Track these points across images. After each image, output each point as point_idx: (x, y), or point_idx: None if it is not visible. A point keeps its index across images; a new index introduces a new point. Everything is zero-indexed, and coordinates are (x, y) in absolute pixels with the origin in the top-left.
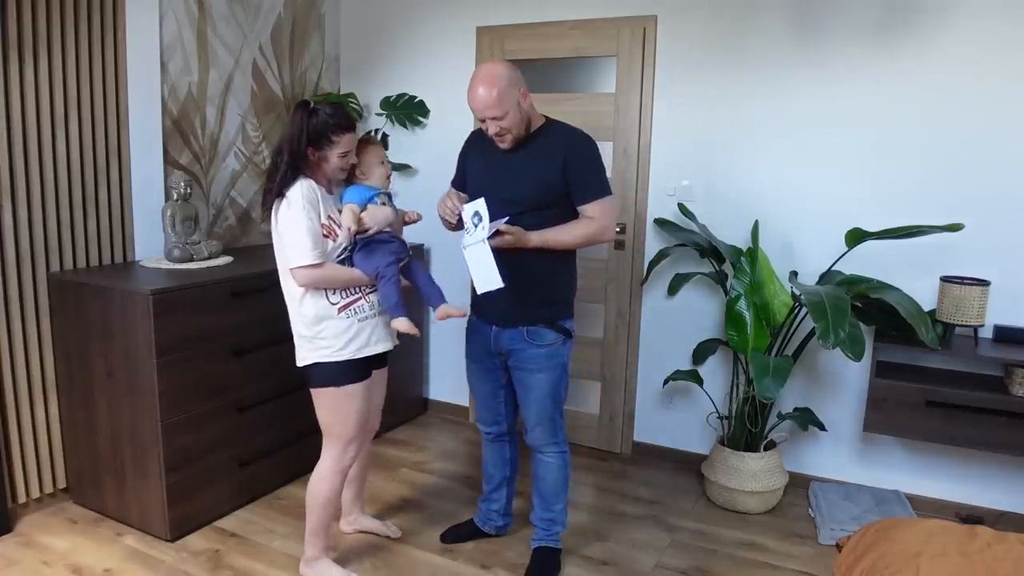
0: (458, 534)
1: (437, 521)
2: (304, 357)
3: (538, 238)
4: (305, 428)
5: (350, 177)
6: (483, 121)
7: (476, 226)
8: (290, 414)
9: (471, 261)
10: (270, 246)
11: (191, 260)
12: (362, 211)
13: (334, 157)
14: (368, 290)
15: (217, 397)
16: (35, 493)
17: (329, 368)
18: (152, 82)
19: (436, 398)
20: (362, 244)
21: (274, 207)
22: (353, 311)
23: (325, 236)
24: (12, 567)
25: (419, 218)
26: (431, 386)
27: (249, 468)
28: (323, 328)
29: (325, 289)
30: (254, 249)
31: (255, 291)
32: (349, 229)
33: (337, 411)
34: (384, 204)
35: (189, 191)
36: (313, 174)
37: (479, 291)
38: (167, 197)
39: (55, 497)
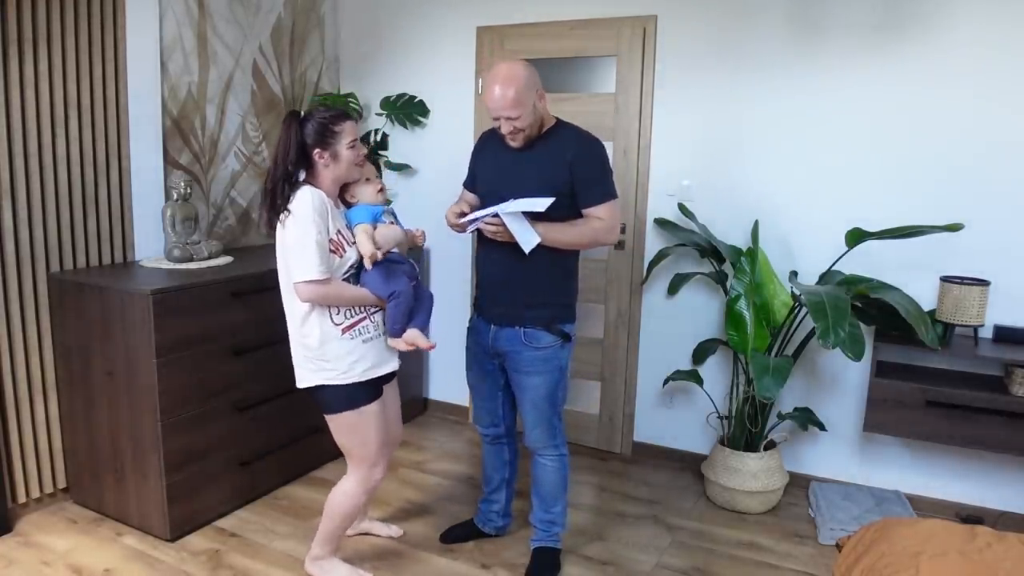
0: (458, 534)
1: (437, 521)
2: (306, 379)
3: (542, 231)
4: (305, 428)
5: (344, 201)
6: (496, 119)
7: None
8: (290, 414)
9: (511, 227)
10: (270, 246)
11: (191, 260)
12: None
13: (344, 149)
14: (373, 310)
15: (217, 397)
16: (35, 493)
17: (338, 391)
18: (152, 82)
19: (436, 398)
20: (373, 264)
21: (280, 220)
22: (357, 332)
23: (332, 252)
24: (12, 567)
25: (424, 239)
26: (431, 386)
27: (249, 468)
28: (326, 350)
29: (329, 308)
30: (254, 249)
31: (255, 291)
32: (374, 254)
33: (355, 434)
34: (392, 223)
35: (189, 191)
36: (320, 182)
37: (527, 251)
38: (167, 197)
39: (55, 497)
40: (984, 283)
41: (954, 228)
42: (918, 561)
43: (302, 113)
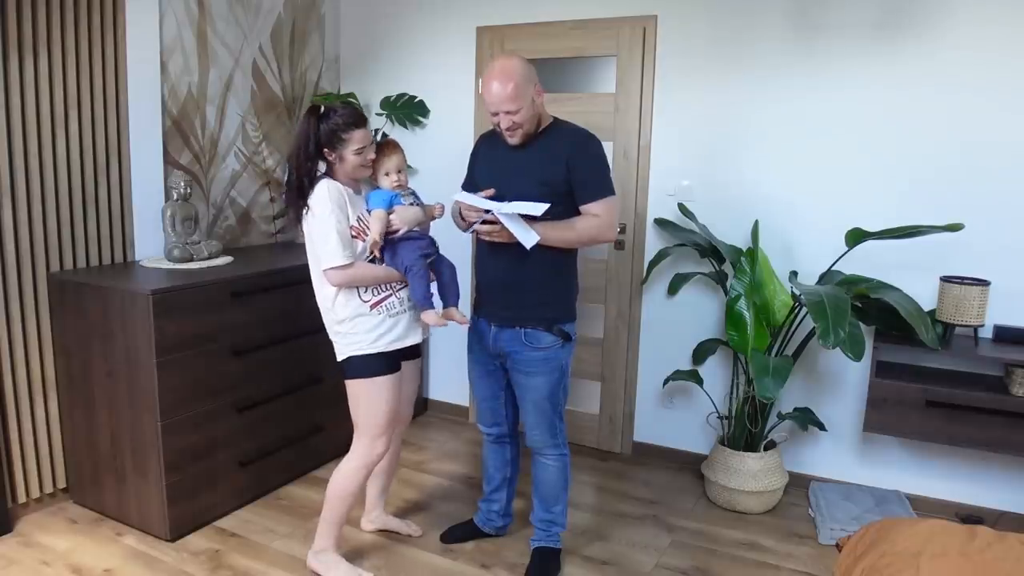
0: (458, 534)
1: (437, 521)
2: (341, 352)
3: (540, 230)
4: (305, 428)
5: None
6: (495, 115)
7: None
8: (290, 414)
9: (510, 227)
10: (270, 246)
11: (191, 260)
12: (390, 213)
13: (350, 155)
14: (398, 287)
15: (217, 397)
16: (35, 493)
17: (360, 360)
18: (152, 82)
19: (436, 398)
20: (391, 242)
21: (303, 215)
22: (384, 307)
23: (354, 237)
24: (12, 567)
25: (443, 212)
26: (431, 386)
27: (249, 468)
28: (356, 324)
29: (358, 288)
30: (254, 249)
31: (255, 291)
32: (375, 241)
33: (366, 402)
34: (412, 204)
35: (189, 191)
36: (336, 175)
37: (528, 248)
38: (167, 197)
39: (55, 497)
40: (984, 283)
41: (954, 228)
42: (918, 561)
43: (321, 108)
